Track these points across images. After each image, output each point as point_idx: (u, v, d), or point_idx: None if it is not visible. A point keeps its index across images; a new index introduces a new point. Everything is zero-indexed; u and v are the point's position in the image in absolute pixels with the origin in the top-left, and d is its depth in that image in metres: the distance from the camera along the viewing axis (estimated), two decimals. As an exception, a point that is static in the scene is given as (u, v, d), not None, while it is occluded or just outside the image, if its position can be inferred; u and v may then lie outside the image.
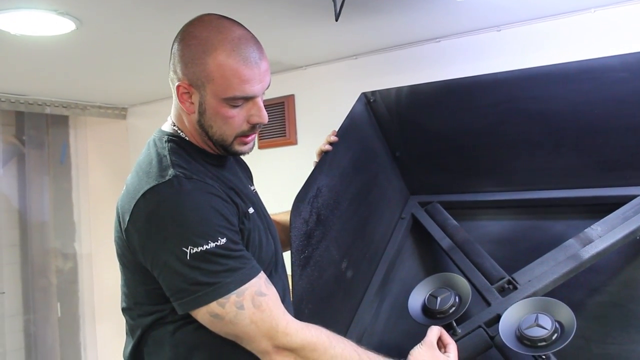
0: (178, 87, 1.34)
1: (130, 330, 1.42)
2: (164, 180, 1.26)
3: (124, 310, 1.43)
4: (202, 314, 1.24)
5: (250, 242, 1.36)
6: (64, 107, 3.99)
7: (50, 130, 4.24)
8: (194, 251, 1.21)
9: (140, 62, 2.98)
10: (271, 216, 1.59)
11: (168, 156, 1.33)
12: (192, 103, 1.35)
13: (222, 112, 1.33)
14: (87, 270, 4.34)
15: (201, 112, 1.35)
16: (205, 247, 1.21)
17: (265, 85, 1.36)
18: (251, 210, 1.40)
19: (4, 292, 3.92)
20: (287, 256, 1.59)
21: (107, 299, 4.18)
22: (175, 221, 1.23)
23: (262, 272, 1.30)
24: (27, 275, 4.06)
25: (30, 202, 4.10)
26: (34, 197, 4.12)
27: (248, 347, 1.27)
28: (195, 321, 1.28)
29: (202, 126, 1.36)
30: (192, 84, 1.32)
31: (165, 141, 1.38)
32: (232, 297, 1.22)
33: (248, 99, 1.34)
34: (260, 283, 1.27)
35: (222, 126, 1.35)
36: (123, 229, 1.31)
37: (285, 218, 1.70)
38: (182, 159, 1.34)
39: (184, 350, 1.33)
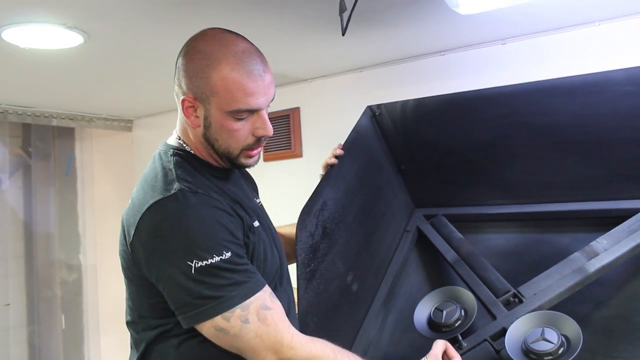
0: (183, 101, 1.35)
1: (135, 344, 1.42)
2: (169, 194, 1.26)
3: (128, 323, 1.43)
4: (206, 328, 1.24)
5: (255, 255, 1.36)
6: (70, 119, 4.01)
7: (57, 142, 4.26)
8: (199, 265, 1.21)
9: (146, 74, 3.00)
10: (276, 229, 1.59)
11: (173, 170, 1.33)
12: (197, 117, 1.35)
13: (227, 126, 1.34)
14: (91, 282, 4.34)
15: (206, 126, 1.35)
16: (210, 261, 1.21)
17: (270, 98, 1.37)
18: (256, 223, 1.41)
19: (8, 304, 3.92)
20: (292, 269, 1.59)
21: (112, 310, 4.18)
22: (180, 235, 1.23)
23: (267, 285, 1.30)
24: (32, 287, 4.06)
25: (36, 213, 4.11)
26: (39, 208, 4.13)
27: None
28: (199, 335, 1.28)
29: (208, 140, 1.37)
30: (197, 97, 1.33)
31: (171, 155, 1.38)
32: (237, 310, 1.22)
33: (252, 111, 1.34)
34: (265, 297, 1.27)
35: (228, 139, 1.36)
36: (128, 243, 1.31)
37: (291, 231, 1.70)
38: (187, 172, 1.34)
39: None
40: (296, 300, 1.56)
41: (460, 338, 1.59)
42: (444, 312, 1.63)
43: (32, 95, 3.45)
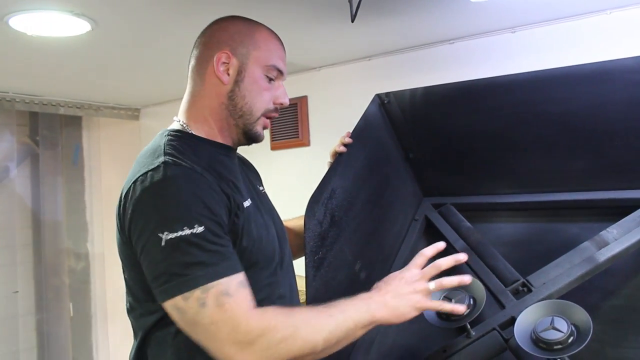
0: (220, 55, 1.41)
1: (134, 332, 1.41)
2: (152, 167, 1.27)
3: (128, 311, 1.42)
4: (169, 307, 1.21)
5: (246, 233, 1.33)
6: (77, 107, 4.01)
7: (64, 130, 4.26)
8: (169, 237, 1.18)
9: (153, 63, 2.99)
10: (284, 222, 1.61)
11: (162, 146, 1.34)
12: (229, 74, 1.41)
13: (260, 82, 1.42)
14: (99, 270, 4.36)
15: (238, 81, 1.41)
16: (180, 233, 1.18)
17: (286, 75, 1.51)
18: (247, 203, 1.39)
19: (17, 292, 3.95)
20: (302, 261, 1.59)
21: (119, 298, 4.18)
22: (156, 206, 1.23)
23: (239, 273, 1.24)
24: (40, 275, 4.09)
25: (44, 202, 4.12)
26: (47, 197, 4.15)
27: (212, 354, 1.21)
28: None
29: (234, 97, 1.41)
30: (235, 52, 1.41)
31: (166, 135, 1.40)
32: (197, 292, 1.17)
33: (279, 75, 1.47)
34: (231, 283, 1.20)
35: (256, 97, 1.43)
36: (119, 220, 1.32)
37: (298, 223, 1.70)
38: (176, 149, 1.34)
39: (186, 353, 1.31)
40: (304, 289, 1.56)
41: (468, 327, 1.59)
42: (453, 301, 1.62)
43: (40, 84, 3.45)
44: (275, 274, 1.41)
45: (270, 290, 1.41)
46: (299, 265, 1.60)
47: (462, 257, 1.46)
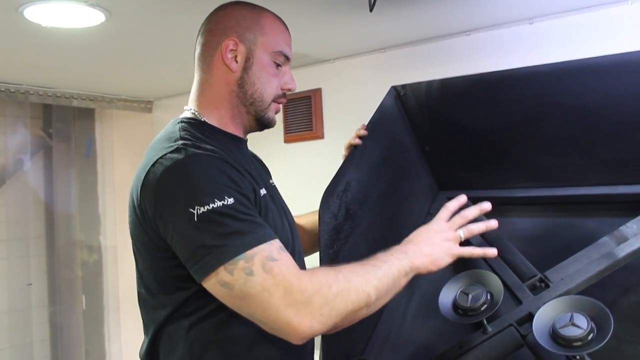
0: (227, 42, 1.40)
1: (145, 329, 1.40)
2: (171, 149, 1.26)
3: (139, 303, 1.41)
4: (212, 285, 1.18)
5: (264, 219, 1.32)
6: (90, 100, 4.01)
7: (77, 123, 4.27)
8: (201, 211, 1.17)
9: (167, 54, 2.98)
10: (295, 218, 1.60)
11: (178, 132, 1.34)
12: (237, 62, 1.41)
13: (268, 68, 1.43)
14: (112, 262, 4.37)
15: (247, 68, 1.41)
16: (212, 205, 1.17)
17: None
18: (263, 191, 1.38)
19: (30, 284, 3.97)
20: (317, 255, 1.57)
21: (132, 291, 4.14)
22: (182, 183, 1.21)
23: (276, 239, 1.23)
24: (53, 267, 4.10)
25: (57, 194, 4.14)
26: (60, 189, 4.16)
27: (268, 325, 1.18)
28: (210, 317, 1.26)
29: (244, 84, 1.41)
30: (242, 39, 1.41)
31: (178, 122, 1.40)
32: (241, 262, 1.15)
33: (286, 61, 1.47)
34: (272, 249, 1.20)
35: (265, 83, 1.43)
36: (137, 206, 1.30)
37: (309, 219, 1.73)
38: (191, 134, 1.33)
39: (198, 349, 1.29)
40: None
41: (485, 322, 1.57)
42: (470, 296, 1.60)
43: (53, 76, 3.45)
44: None
45: None
46: (313, 260, 1.58)
47: (486, 205, 1.53)
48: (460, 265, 1.94)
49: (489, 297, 1.59)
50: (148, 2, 2.17)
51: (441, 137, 2.09)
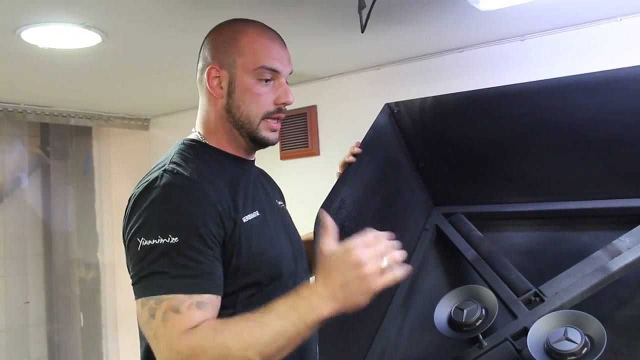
0: (209, 71, 1.40)
1: (140, 340, 1.38)
2: (152, 175, 1.30)
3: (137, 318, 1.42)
4: (137, 305, 1.24)
5: (243, 248, 1.30)
6: (87, 118, 4.03)
7: (74, 141, 4.29)
8: (145, 243, 1.21)
9: (163, 73, 3.01)
10: (303, 237, 1.59)
11: (172, 155, 1.37)
12: (222, 87, 1.40)
13: (251, 88, 1.38)
14: (109, 280, 4.36)
15: (230, 92, 1.39)
16: (153, 241, 1.20)
17: (289, 71, 1.44)
18: (250, 216, 1.36)
19: (28, 302, 3.96)
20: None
21: (130, 308, 4.18)
22: (141, 213, 1.25)
23: (204, 295, 1.20)
24: (51, 285, 4.10)
25: (54, 212, 4.14)
26: (57, 207, 4.16)
27: None
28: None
29: (230, 109, 1.40)
30: (223, 64, 1.39)
31: (180, 144, 1.42)
32: (152, 302, 1.18)
33: (276, 75, 1.41)
34: (186, 301, 1.17)
35: (250, 104, 1.39)
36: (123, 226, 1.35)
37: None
38: (183, 157, 1.35)
39: None
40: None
41: (481, 337, 1.58)
42: (465, 311, 1.61)
43: (51, 95, 3.48)
44: (288, 289, 1.37)
45: None
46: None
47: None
48: (455, 280, 1.96)
49: (483, 312, 1.60)
50: (143, 23, 2.20)
51: (435, 154, 2.11)
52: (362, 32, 1.74)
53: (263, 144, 1.46)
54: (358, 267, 1.17)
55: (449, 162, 2.11)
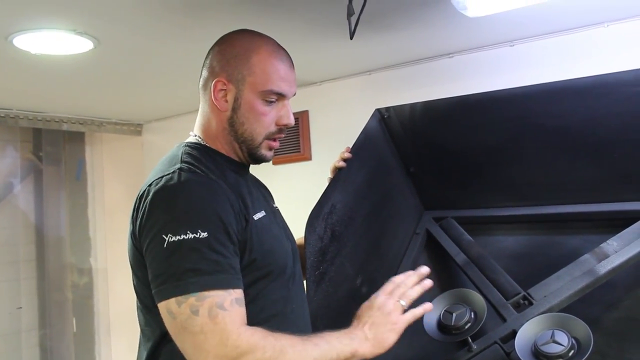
0: (216, 83, 1.40)
1: (145, 341, 1.38)
2: (168, 173, 1.29)
3: (138, 319, 1.41)
4: (162, 309, 1.21)
5: (255, 244, 1.33)
6: (80, 123, 4.03)
7: (67, 146, 4.29)
8: (172, 240, 1.20)
9: (155, 79, 3.01)
10: (297, 240, 1.61)
11: (180, 155, 1.37)
12: (227, 101, 1.41)
13: (257, 108, 1.40)
14: (102, 285, 4.36)
15: (235, 108, 1.40)
16: (182, 236, 1.20)
17: (294, 92, 1.47)
18: (259, 215, 1.40)
19: (20, 307, 3.95)
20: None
21: (123, 314, 4.19)
22: (165, 208, 1.24)
23: (237, 289, 1.24)
24: (44, 290, 4.09)
25: (47, 217, 4.14)
26: (50, 212, 4.16)
27: None
28: None
29: (234, 124, 1.41)
30: (231, 79, 1.39)
31: (183, 146, 1.42)
32: (191, 299, 1.18)
33: (281, 97, 1.43)
34: (226, 298, 1.20)
35: (254, 123, 1.41)
36: (131, 222, 1.33)
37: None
38: (193, 157, 1.37)
39: None
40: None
41: (470, 340, 1.59)
42: (454, 315, 1.63)
43: (43, 101, 3.48)
44: (288, 288, 1.41)
45: (284, 305, 1.40)
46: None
47: (424, 270, 1.53)
48: (445, 283, 1.97)
49: (472, 316, 1.62)
50: (135, 29, 2.21)
51: (425, 158, 2.13)
52: (351, 38, 1.75)
53: (260, 161, 1.49)
54: (381, 308, 1.39)
55: (439, 167, 2.12)
